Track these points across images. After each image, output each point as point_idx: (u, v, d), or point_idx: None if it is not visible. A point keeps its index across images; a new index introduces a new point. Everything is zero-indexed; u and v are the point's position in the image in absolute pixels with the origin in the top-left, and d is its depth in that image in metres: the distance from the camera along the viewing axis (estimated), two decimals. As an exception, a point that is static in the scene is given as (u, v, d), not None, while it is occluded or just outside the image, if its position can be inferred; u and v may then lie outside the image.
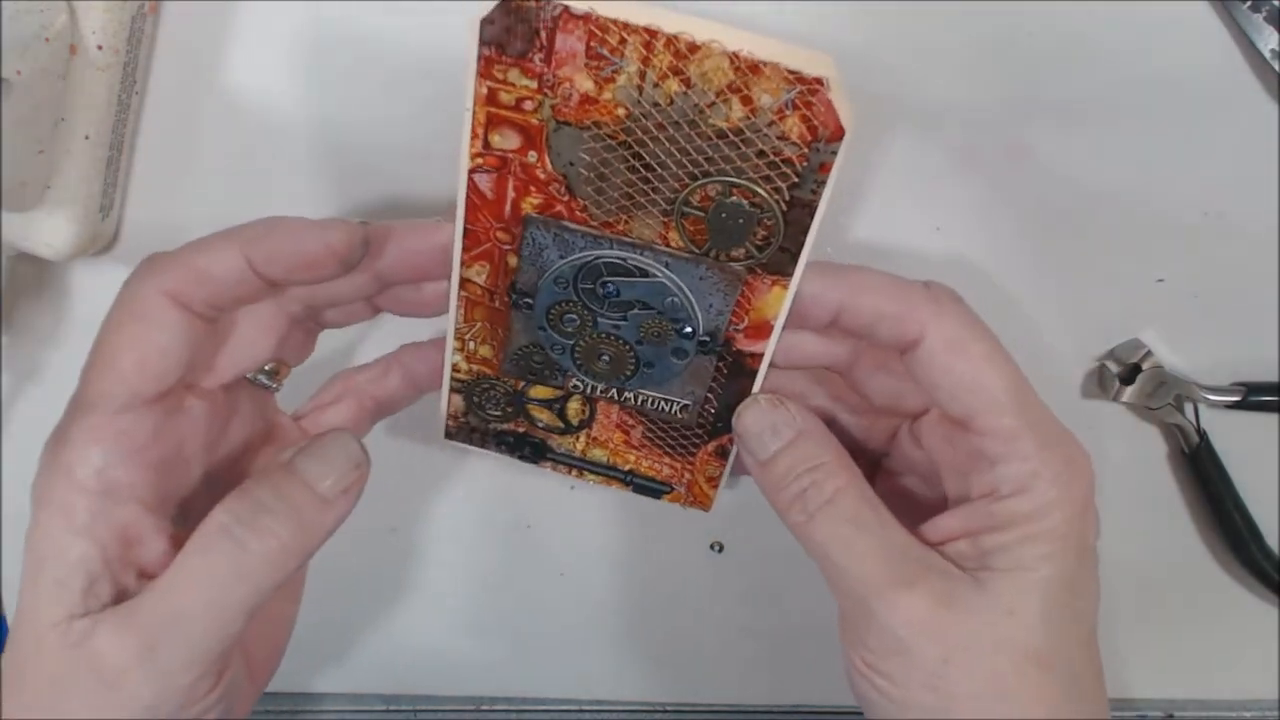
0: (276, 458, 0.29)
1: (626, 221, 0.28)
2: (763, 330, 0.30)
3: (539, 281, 0.30)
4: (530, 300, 0.30)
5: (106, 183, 0.35)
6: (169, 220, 0.38)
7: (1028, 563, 0.28)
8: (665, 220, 0.28)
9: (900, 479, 0.34)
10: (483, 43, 0.24)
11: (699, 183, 0.27)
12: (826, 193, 0.26)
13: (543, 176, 0.27)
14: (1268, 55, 0.33)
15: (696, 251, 0.28)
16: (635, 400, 0.33)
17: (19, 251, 0.35)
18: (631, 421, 0.34)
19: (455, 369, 0.33)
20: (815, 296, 0.29)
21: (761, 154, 0.26)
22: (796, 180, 0.26)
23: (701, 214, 0.27)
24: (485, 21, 0.24)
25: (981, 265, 0.38)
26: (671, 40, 0.24)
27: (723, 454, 0.34)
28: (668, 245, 0.28)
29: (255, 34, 0.34)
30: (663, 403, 0.33)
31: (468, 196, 0.28)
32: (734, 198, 0.27)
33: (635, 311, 0.30)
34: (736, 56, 0.24)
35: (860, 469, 0.30)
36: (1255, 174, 0.35)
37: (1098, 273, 0.38)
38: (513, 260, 0.29)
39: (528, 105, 0.26)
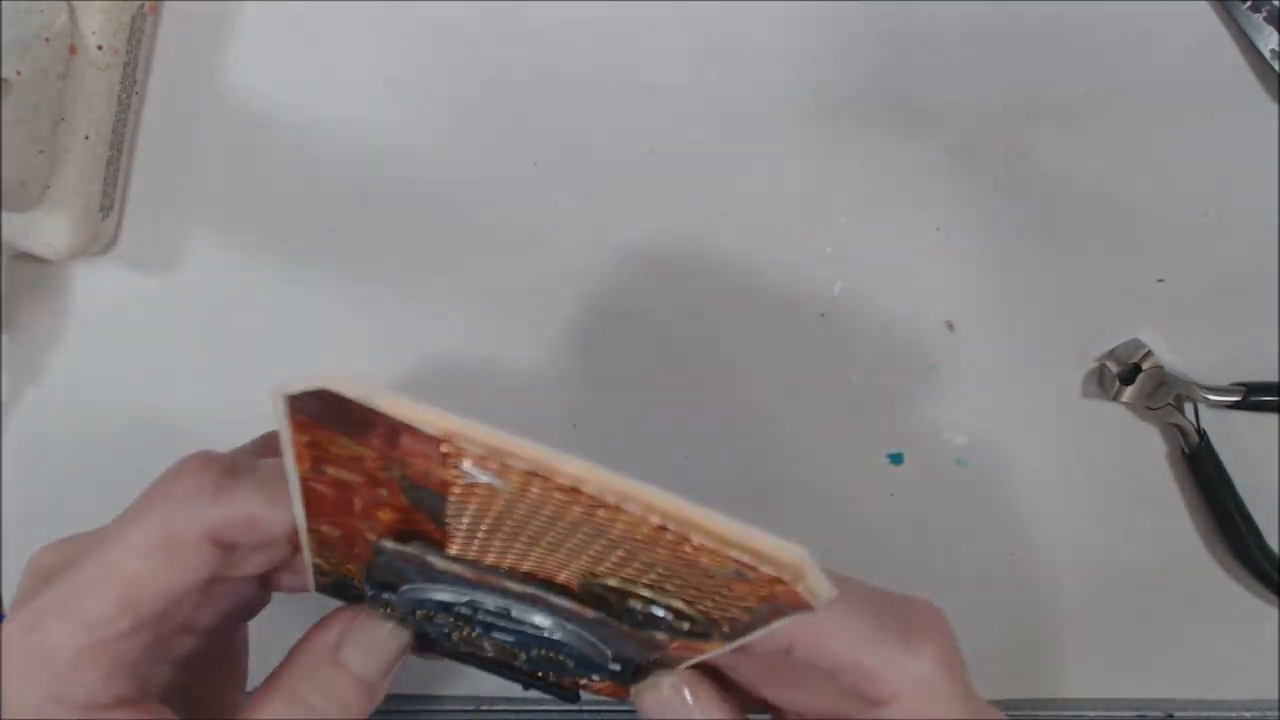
0: (321, 641, 0.26)
1: (511, 553, 0.21)
2: (697, 651, 0.23)
3: (401, 588, 0.23)
4: (391, 597, 0.24)
5: (106, 182, 0.35)
6: (169, 221, 0.38)
7: None
8: (564, 567, 0.21)
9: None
10: (295, 411, 0.18)
11: (610, 579, 0.21)
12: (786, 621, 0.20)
13: (398, 505, 0.20)
14: (1268, 55, 0.33)
15: (605, 613, 0.22)
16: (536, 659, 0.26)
17: (19, 251, 0.35)
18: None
19: (318, 569, 0.25)
20: (768, 635, 0.22)
21: (698, 589, 0.20)
22: (746, 620, 0.20)
23: (612, 597, 0.21)
24: (292, 400, 0.17)
25: (981, 265, 0.38)
26: (569, 489, 0.17)
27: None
28: (565, 596, 0.22)
29: (254, 34, 0.34)
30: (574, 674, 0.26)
31: (304, 493, 0.21)
32: (655, 610, 0.21)
33: (528, 641, 0.24)
34: (662, 529, 0.17)
35: None
36: (1255, 174, 0.35)
37: (1098, 273, 0.38)
38: (371, 535, 0.22)
39: (369, 464, 0.19)
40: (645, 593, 0.20)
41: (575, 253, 0.38)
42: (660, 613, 0.21)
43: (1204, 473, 0.40)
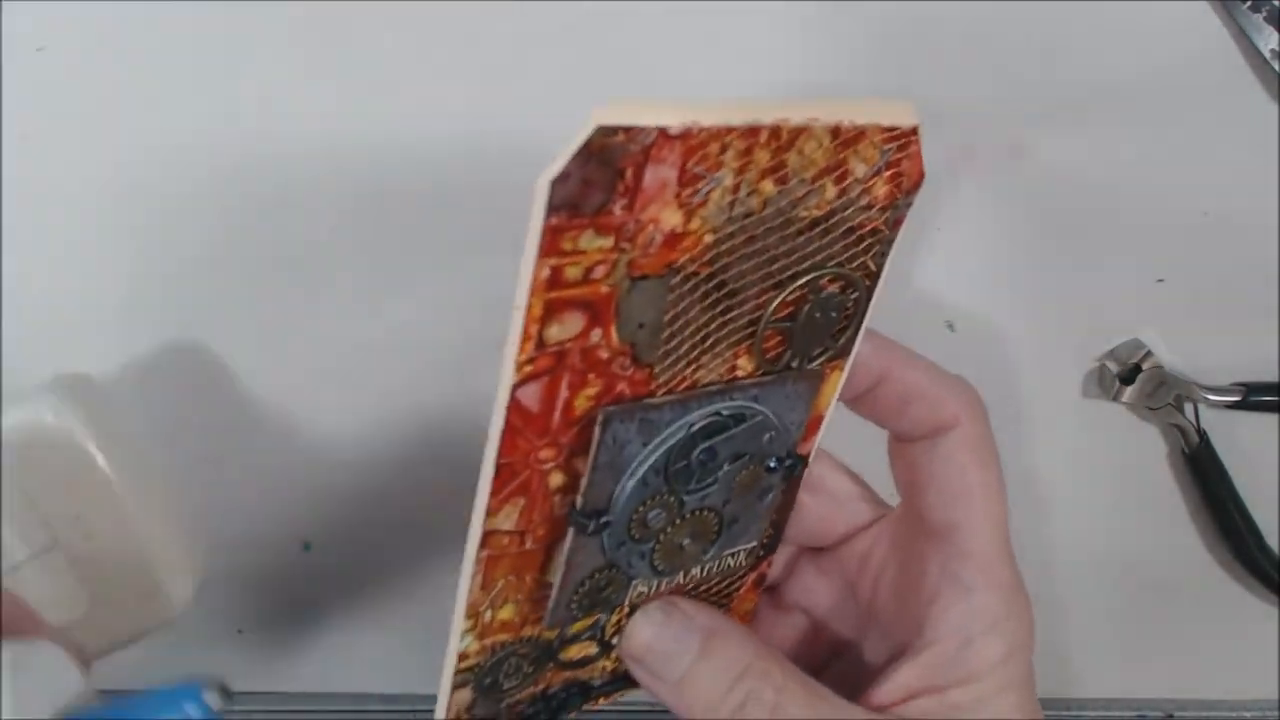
0: None
1: (697, 369, 0.23)
2: (815, 426, 0.26)
3: (616, 490, 0.23)
4: (608, 518, 0.24)
5: None
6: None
7: (1004, 714, 0.25)
8: (738, 349, 0.23)
9: (788, 616, 0.31)
10: (551, 209, 0.19)
11: (785, 292, 0.23)
12: (892, 251, 0.24)
13: (605, 355, 0.21)
14: (1268, 55, 0.33)
15: (778, 369, 0.24)
16: (701, 572, 0.27)
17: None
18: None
19: (463, 656, 0.25)
20: (862, 364, 0.26)
21: (849, 231, 0.23)
22: (879, 249, 0.24)
23: (786, 324, 0.23)
24: (557, 181, 0.19)
25: (981, 265, 0.38)
26: (774, 131, 0.20)
27: (760, 583, 0.29)
28: (745, 374, 0.24)
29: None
30: (729, 559, 0.27)
31: (507, 420, 0.21)
32: (825, 291, 0.23)
33: (727, 469, 0.25)
34: (838, 130, 0.21)
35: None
36: (1255, 174, 0.35)
37: (1098, 273, 0.38)
38: (558, 479, 0.23)
39: (598, 272, 0.20)
40: (818, 274, 0.23)
41: (575, 253, 0.38)
42: (829, 289, 0.23)
43: (1204, 473, 0.40)
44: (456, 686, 0.25)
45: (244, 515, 0.41)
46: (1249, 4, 0.32)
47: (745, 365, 0.24)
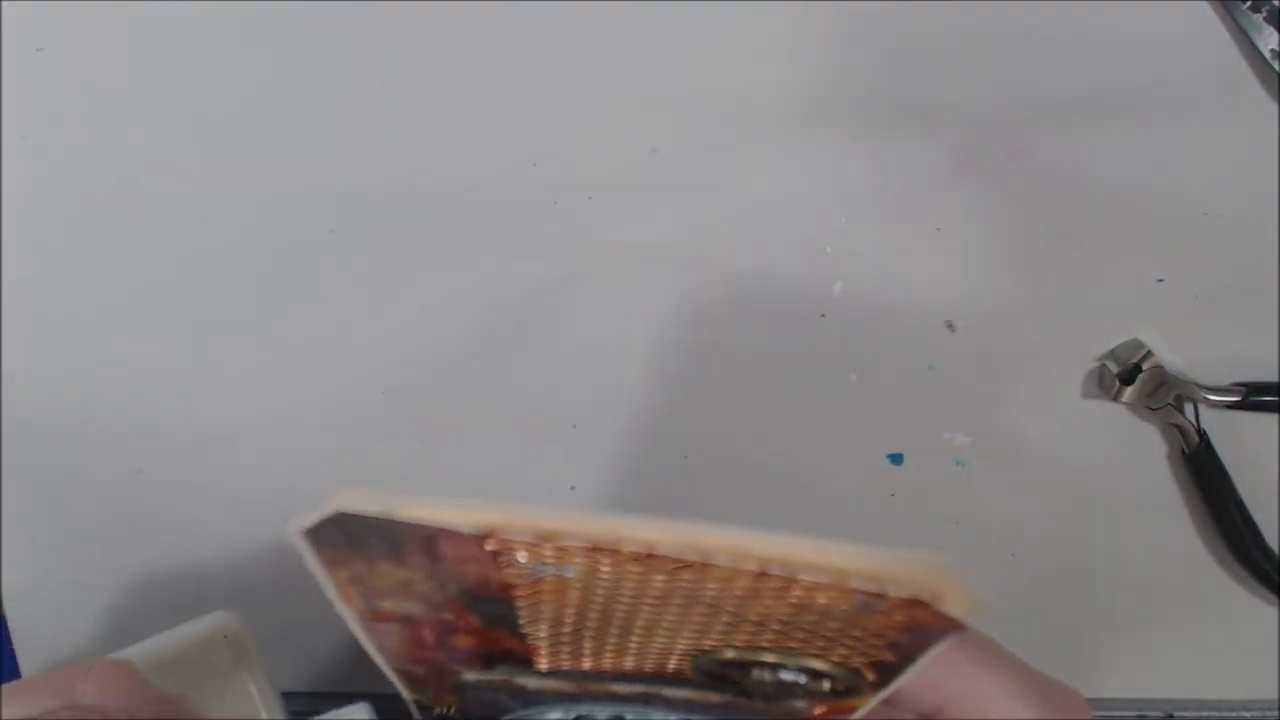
0: None
1: (608, 651, 0.19)
2: (846, 712, 0.21)
3: None
4: None
5: None
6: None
7: None
8: (665, 653, 0.19)
9: None
10: (319, 548, 0.16)
11: (722, 653, 0.18)
12: (937, 648, 0.18)
13: (471, 628, 0.19)
14: (1268, 55, 0.33)
15: (732, 692, 0.19)
16: None
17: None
18: None
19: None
20: (911, 693, 0.21)
21: (825, 638, 0.17)
22: (892, 658, 0.18)
23: (735, 670, 0.19)
24: (309, 533, 0.16)
25: (981, 265, 0.38)
26: (645, 559, 0.15)
27: None
28: (682, 685, 0.19)
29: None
30: None
31: (370, 636, 0.19)
32: (784, 674, 0.18)
33: None
34: (763, 577, 0.15)
35: None
36: (1255, 174, 0.35)
37: (1098, 273, 0.38)
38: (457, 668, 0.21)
39: (420, 587, 0.17)
40: (769, 657, 0.18)
41: (575, 253, 0.38)
42: (790, 676, 0.18)
43: (1204, 473, 0.40)
44: None
45: (243, 515, 0.41)
46: (1249, 4, 0.32)
47: (680, 667, 0.19)
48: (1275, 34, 0.32)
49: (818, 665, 0.18)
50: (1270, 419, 0.40)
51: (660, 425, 0.40)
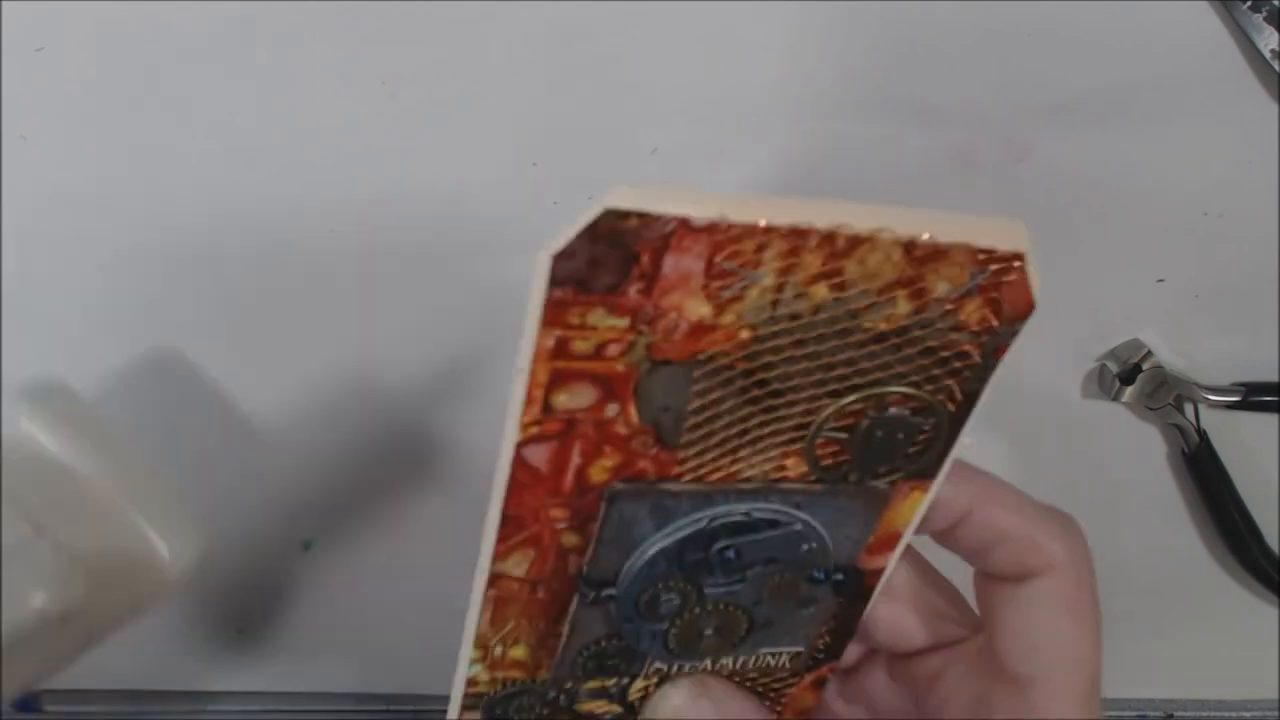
0: None
1: (734, 461, 0.21)
2: (889, 542, 0.24)
3: (625, 565, 0.22)
4: (611, 591, 0.23)
5: None
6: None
7: None
8: (787, 449, 0.21)
9: (850, 707, 0.29)
10: (555, 284, 0.18)
11: (842, 401, 0.21)
12: (993, 377, 0.21)
13: (624, 432, 0.20)
14: (1268, 55, 0.33)
15: (832, 479, 0.22)
16: (734, 663, 0.26)
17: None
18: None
19: (472, 682, 0.24)
20: (944, 500, 0.24)
21: (928, 351, 0.20)
22: (970, 375, 0.21)
23: (843, 435, 0.21)
24: (559, 257, 0.18)
25: (981, 265, 0.38)
26: (827, 238, 0.18)
27: (820, 684, 0.28)
28: (793, 478, 0.22)
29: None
30: (769, 657, 0.26)
31: (511, 476, 0.21)
32: (892, 409, 0.21)
33: (756, 570, 0.23)
34: (913, 244, 0.18)
35: None
36: (1255, 174, 0.35)
37: (1098, 273, 0.38)
38: (572, 539, 0.22)
39: (612, 350, 0.19)
40: (884, 388, 0.21)
41: (575, 253, 0.38)
42: (895, 411, 0.21)
43: (1204, 473, 0.40)
44: (466, 707, 0.25)
45: (244, 515, 0.41)
46: (1249, 4, 0.32)
47: (795, 467, 0.22)
48: (1275, 34, 0.32)
49: (918, 395, 0.21)
50: (1270, 419, 0.40)
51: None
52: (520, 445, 0.20)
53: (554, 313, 0.19)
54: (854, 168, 0.36)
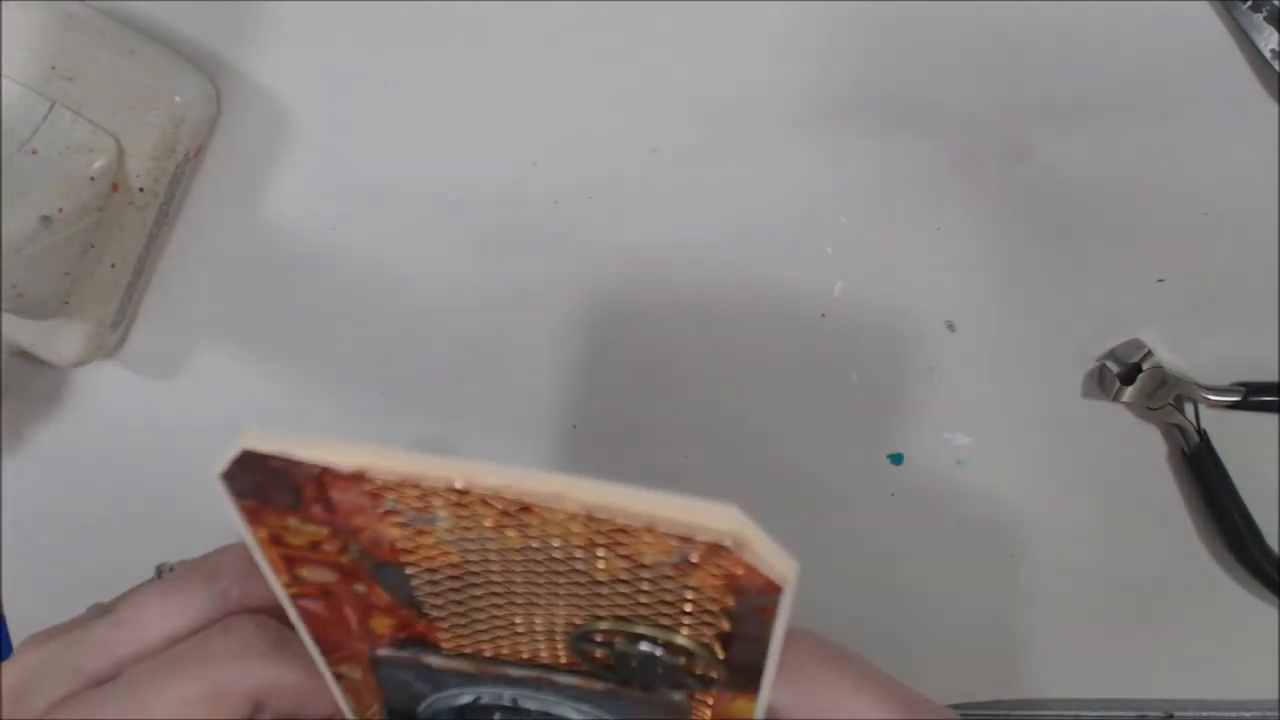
0: None
1: (511, 642, 0.21)
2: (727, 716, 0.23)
3: (417, 710, 0.23)
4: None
5: (123, 302, 0.35)
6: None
7: None
8: (554, 642, 0.21)
9: None
10: (238, 495, 0.18)
11: (591, 625, 0.20)
12: (780, 624, 0.19)
13: (383, 604, 0.20)
14: (1268, 55, 0.33)
15: (612, 682, 0.21)
16: None
17: (20, 350, 0.35)
18: None
19: None
20: (789, 708, 0.23)
21: (666, 603, 0.19)
22: (728, 627, 0.19)
23: (608, 650, 0.20)
24: (226, 477, 0.18)
25: (981, 265, 0.38)
26: (487, 501, 0.17)
27: None
28: (570, 674, 0.21)
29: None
30: None
31: (301, 619, 0.21)
32: (643, 645, 0.20)
33: None
34: (590, 519, 0.17)
35: None
36: (1255, 174, 0.35)
37: (1098, 273, 0.38)
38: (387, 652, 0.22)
39: (328, 548, 0.19)
40: (631, 628, 0.19)
41: (575, 253, 0.38)
42: (648, 647, 0.19)
43: (1204, 473, 0.40)
44: None
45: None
46: (1249, 4, 0.32)
47: (562, 656, 0.21)
48: (1275, 34, 0.32)
49: (675, 639, 0.19)
50: (1270, 419, 0.40)
51: (660, 425, 0.40)
52: (294, 599, 0.20)
53: (253, 516, 0.18)
54: (854, 167, 0.36)
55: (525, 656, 0.21)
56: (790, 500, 0.41)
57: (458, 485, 0.16)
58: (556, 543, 0.17)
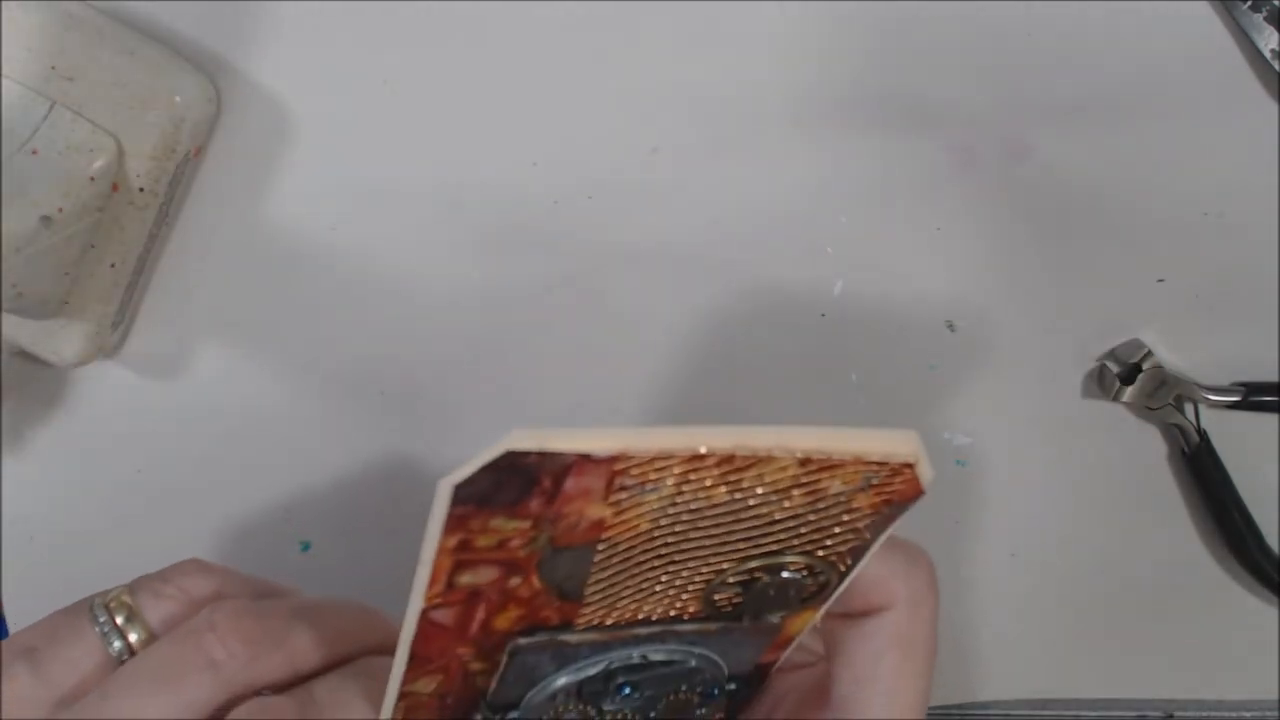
0: None
1: (632, 606, 0.23)
2: (783, 644, 0.26)
3: (526, 696, 0.24)
4: (515, 714, 0.25)
5: (123, 302, 0.36)
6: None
7: None
8: (685, 596, 0.23)
9: None
10: (456, 503, 0.19)
11: (740, 566, 0.22)
12: (873, 548, 0.22)
13: (527, 594, 0.22)
14: (1268, 55, 0.33)
15: (727, 619, 0.23)
16: None
17: (20, 350, 0.36)
18: None
19: None
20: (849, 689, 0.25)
21: (821, 529, 0.21)
22: (862, 544, 0.22)
23: (739, 590, 0.23)
24: (461, 487, 0.18)
25: (982, 265, 0.38)
26: (726, 459, 0.19)
27: None
28: (689, 618, 0.23)
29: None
30: None
31: (418, 632, 0.22)
32: (786, 573, 0.22)
33: (651, 694, 0.25)
34: (808, 461, 0.19)
35: None
36: (1255, 174, 0.35)
37: (1098, 273, 0.38)
38: (478, 665, 0.23)
39: (515, 543, 0.20)
40: (778, 559, 0.22)
41: (575, 253, 0.38)
42: (789, 574, 0.22)
43: (1204, 473, 0.40)
44: None
45: (244, 515, 0.41)
46: (1249, 4, 0.32)
47: (690, 606, 0.23)
48: (1275, 34, 0.32)
49: (809, 562, 0.22)
50: (1270, 419, 0.40)
51: (659, 424, 0.40)
52: (426, 611, 0.21)
53: (456, 523, 0.19)
54: (854, 168, 0.36)
55: (654, 616, 0.23)
56: (790, 500, 0.41)
57: (701, 451, 0.18)
58: (760, 489, 0.20)
